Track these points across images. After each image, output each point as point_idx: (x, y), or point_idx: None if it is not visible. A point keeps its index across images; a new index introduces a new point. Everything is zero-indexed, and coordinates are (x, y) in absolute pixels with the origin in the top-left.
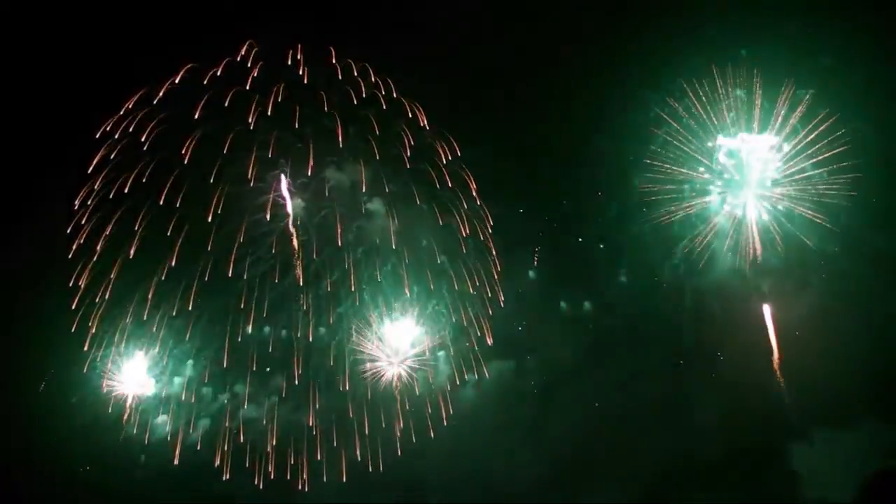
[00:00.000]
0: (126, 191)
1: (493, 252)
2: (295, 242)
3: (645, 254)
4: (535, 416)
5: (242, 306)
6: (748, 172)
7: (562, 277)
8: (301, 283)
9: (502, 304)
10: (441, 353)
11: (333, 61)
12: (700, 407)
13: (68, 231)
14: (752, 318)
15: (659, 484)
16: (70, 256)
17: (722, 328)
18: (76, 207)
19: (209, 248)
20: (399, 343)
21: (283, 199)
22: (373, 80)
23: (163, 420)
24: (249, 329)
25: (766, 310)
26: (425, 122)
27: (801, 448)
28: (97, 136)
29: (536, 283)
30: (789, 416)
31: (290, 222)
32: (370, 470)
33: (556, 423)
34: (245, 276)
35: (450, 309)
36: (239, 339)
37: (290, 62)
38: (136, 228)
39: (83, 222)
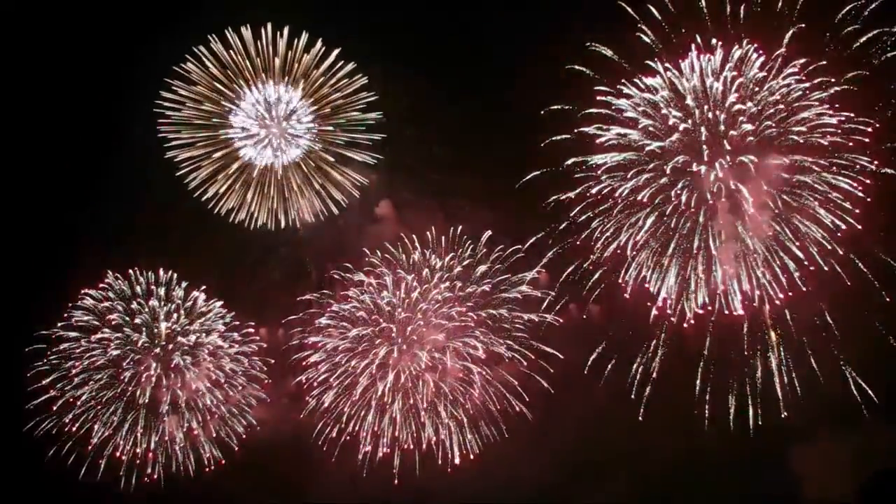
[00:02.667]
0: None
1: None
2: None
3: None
4: (539, 419)
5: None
6: None
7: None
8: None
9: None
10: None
11: None
12: (701, 408)
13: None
14: (751, 318)
15: (660, 484)
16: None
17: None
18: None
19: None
20: None
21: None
22: None
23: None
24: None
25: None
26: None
27: (801, 448)
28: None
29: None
30: (790, 416)
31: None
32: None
33: (560, 426)
34: None
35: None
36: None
37: None
38: None
39: None
